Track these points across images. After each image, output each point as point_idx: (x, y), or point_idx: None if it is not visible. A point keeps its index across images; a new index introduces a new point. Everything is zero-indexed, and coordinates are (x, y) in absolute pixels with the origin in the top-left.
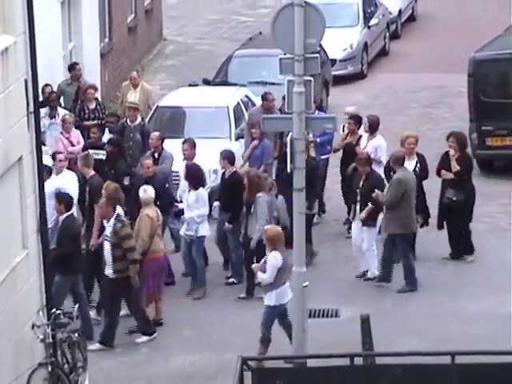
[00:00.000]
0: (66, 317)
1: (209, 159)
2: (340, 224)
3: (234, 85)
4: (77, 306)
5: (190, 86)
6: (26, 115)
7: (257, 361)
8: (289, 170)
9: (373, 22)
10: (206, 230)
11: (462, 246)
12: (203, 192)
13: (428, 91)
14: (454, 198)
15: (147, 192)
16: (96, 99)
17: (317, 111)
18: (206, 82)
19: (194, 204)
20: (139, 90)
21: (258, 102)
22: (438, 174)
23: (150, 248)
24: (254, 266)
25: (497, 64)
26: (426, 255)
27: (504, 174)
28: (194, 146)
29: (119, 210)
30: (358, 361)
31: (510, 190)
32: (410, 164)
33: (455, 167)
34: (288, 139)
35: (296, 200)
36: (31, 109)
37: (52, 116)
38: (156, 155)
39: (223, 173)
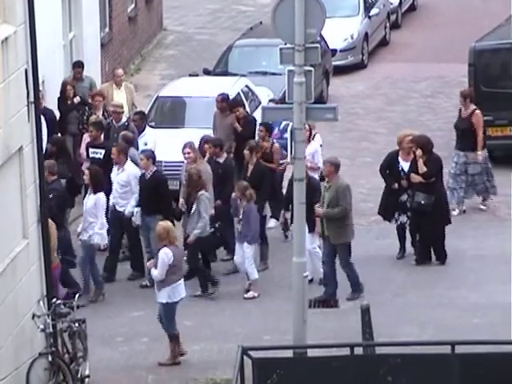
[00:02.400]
0: (67, 307)
1: None
2: None
3: (235, 75)
4: (77, 295)
5: (190, 76)
6: (26, 105)
7: (257, 350)
8: (289, 160)
9: (373, 11)
10: (100, 239)
11: (435, 253)
12: (102, 198)
13: (428, 81)
14: (423, 202)
15: None
16: (104, 107)
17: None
18: (207, 72)
19: (92, 209)
20: (124, 89)
21: (259, 92)
22: (408, 178)
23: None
24: (148, 263)
25: (497, 54)
26: None
27: (504, 164)
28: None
29: None
30: (358, 351)
31: (510, 180)
32: (407, 164)
33: (422, 169)
34: (288, 129)
35: (296, 190)
36: (31, 99)
37: None
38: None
39: (143, 174)
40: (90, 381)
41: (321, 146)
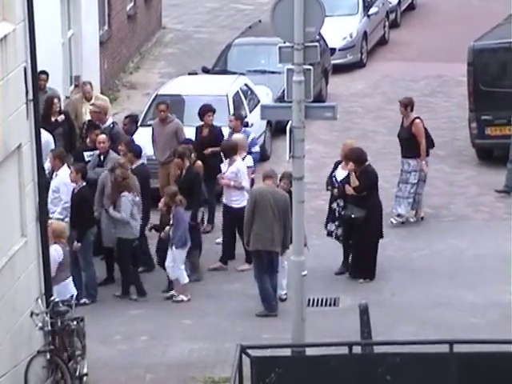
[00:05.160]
0: (65, 305)
1: None
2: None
3: (234, 73)
4: (74, 294)
5: (189, 74)
6: (25, 103)
7: (256, 349)
8: (287, 159)
9: (372, 10)
10: None
11: (363, 268)
12: None
13: (427, 80)
14: (353, 215)
15: None
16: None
17: (243, 128)
18: (206, 71)
19: None
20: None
21: (258, 90)
22: (343, 188)
23: None
24: None
25: (496, 53)
26: (424, 245)
27: (503, 163)
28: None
29: None
30: (357, 349)
31: None
32: (344, 173)
33: (354, 182)
34: (288, 128)
35: (295, 189)
36: (30, 97)
37: None
38: (102, 158)
39: (74, 188)
40: (88, 379)
41: (249, 167)
